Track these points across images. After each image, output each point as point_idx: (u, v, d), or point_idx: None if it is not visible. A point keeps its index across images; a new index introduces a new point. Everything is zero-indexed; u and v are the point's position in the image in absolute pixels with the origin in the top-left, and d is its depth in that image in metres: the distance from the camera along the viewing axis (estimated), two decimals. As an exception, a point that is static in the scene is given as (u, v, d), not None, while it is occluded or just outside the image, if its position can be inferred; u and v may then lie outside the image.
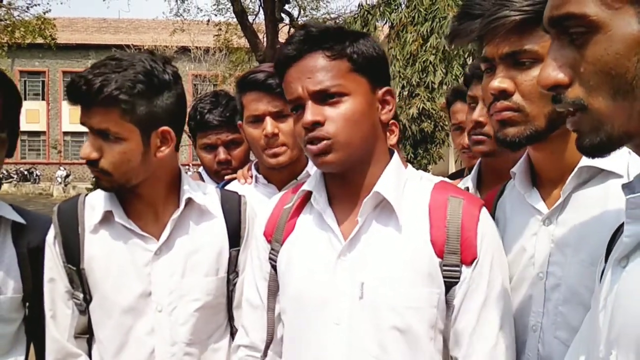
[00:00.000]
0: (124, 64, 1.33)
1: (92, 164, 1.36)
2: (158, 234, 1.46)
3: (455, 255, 1.13)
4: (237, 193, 1.62)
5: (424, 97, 9.19)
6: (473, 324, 1.13)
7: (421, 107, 9.22)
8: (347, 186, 1.22)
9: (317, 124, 1.15)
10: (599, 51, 0.69)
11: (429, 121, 9.60)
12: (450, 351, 1.16)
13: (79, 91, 1.31)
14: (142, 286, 1.43)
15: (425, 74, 9.16)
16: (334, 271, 1.18)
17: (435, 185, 1.22)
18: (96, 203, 1.48)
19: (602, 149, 0.73)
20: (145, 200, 1.47)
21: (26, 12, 17.89)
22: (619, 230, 0.89)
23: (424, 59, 9.00)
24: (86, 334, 1.49)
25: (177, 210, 1.46)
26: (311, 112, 1.15)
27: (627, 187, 0.79)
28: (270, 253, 1.31)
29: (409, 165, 2.12)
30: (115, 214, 1.44)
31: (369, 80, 1.19)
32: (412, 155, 10.07)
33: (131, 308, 1.43)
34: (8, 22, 17.48)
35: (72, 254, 1.45)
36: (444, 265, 1.13)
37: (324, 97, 1.16)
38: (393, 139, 2.13)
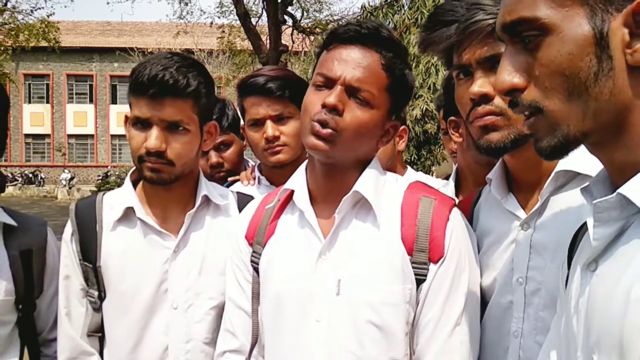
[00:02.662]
0: (187, 61, 1.43)
1: (158, 155, 1.39)
2: (176, 232, 1.48)
3: (423, 253, 1.15)
4: (252, 197, 1.63)
5: (427, 98, 9.18)
6: (435, 320, 1.15)
7: (424, 108, 9.23)
8: (327, 186, 1.24)
9: (335, 110, 1.14)
10: (552, 53, 0.70)
11: (432, 122, 9.58)
12: (414, 345, 1.17)
13: (160, 84, 1.35)
14: (159, 283, 1.45)
15: (428, 76, 9.15)
16: (314, 269, 1.19)
17: (409, 185, 1.24)
18: (115, 201, 1.51)
19: (559, 151, 0.74)
20: (172, 198, 1.50)
21: (30, 15, 17.95)
22: (577, 235, 0.90)
23: (426, 61, 8.99)
24: (99, 332, 1.50)
25: (193, 207, 1.49)
26: (337, 96, 1.14)
27: (586, 191, 0.81)
28: (252, 256, 1.32)
29: (409, 168, 2.10)
30: (137, 210, 1.46)
31: (390, 105, 1.21)
32: (415, 157, 10.07)
33: (148, 305, 1.44)
34: (12, 25, 17.54)
35: (89, 251, 1.47)
36: (413, 263, 1.16)
37: (355, 92, 1.16)
38: (402, 145, 2.14)
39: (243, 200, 1.59)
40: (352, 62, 1.16)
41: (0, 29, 17.35)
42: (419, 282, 1.15)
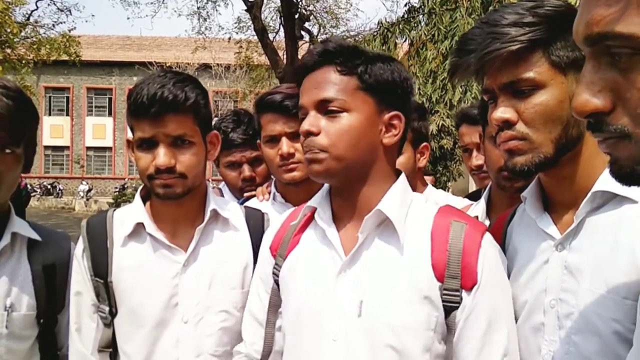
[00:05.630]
0: (181, 76, 1.46)
1: (169, 171, 1.41)
2: (185, 246, 1.49)
3: (455, 280, 1.12)
4: (260, 210, 1.65)
5: (444, 114, 9.14)
6: (476, 352, 1.12)
7: (441, 123, 9.18)
8: (349, 204, 1.23)
9: (311, 134, 1.17)
10: None
11: (449, 138, 9.55)
12: None
13: (160, 102, 1.37)
14: (170, 297, 1.46)
15: (444, 92, 9.12)
16: (334, 287, 1.19)
17: (439, 209, 1.22)
18: (126, 217, 1.52)
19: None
20: (181, 213, 1.51)
21: (52, 29, 18.32)
22: None
23: (443, 77, 8.97)
24: (109, 347, 1.50)
25: (202, 221, 1.50)
26: (308, 122, 1.19)
27: None
28: (274, 267, 1.33)
29: (429, 185, 2.08)
30: (147, 225, 1.48)
31: (376, 101, 1.19)
32: (431, 172, 10.01)
33: (159, 319, 1.45)
34: (34, 39, 17.87)
35: (100, 267, 1.48)
36: (444, 289, 1.12)
37: (325, 109, 1.18)
38: (423, 162, 2.14)
39: (251, 214, 1.60)
40: (314, 84, 1.20)
41: (22, 43, 17.66)
42: (451, 309, 1.12)
